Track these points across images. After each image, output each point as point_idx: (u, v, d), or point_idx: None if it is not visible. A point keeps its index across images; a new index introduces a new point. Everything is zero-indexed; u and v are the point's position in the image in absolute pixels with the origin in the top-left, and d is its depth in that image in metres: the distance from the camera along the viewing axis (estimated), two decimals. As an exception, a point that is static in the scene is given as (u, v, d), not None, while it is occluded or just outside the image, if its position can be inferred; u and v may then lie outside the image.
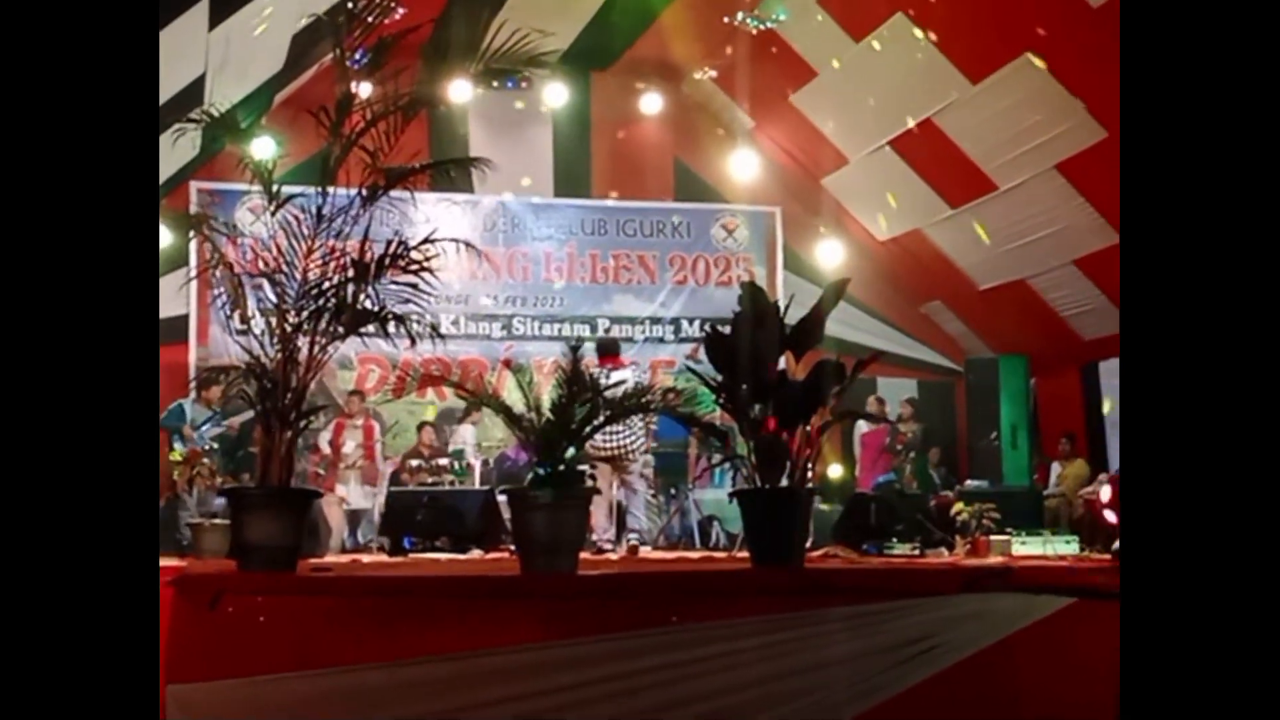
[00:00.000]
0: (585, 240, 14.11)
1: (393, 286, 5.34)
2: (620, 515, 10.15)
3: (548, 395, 5.49)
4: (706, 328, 6.08)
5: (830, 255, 13.89)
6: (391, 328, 5.37)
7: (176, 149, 8.05)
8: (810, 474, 6.14)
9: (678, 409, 6.26)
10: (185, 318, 12.56)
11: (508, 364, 6.28)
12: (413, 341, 5.50)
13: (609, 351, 9.97)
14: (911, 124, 12.00)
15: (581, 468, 5.65)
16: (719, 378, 5.88)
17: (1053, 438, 13.45)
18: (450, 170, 5.92)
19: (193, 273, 9.66)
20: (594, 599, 4.77)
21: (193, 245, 9.44)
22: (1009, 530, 8.89)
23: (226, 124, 5.87)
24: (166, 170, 11.30)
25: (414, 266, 5.32)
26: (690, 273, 14.30)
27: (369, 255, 5.28)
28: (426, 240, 5.39)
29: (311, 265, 5.29)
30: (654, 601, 4.70)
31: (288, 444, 5.10)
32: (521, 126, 14.04)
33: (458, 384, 5.95)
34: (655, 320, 14.13)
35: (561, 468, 5.29)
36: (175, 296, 10.77)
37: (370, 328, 5.38)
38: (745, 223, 14.48)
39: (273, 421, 5.08)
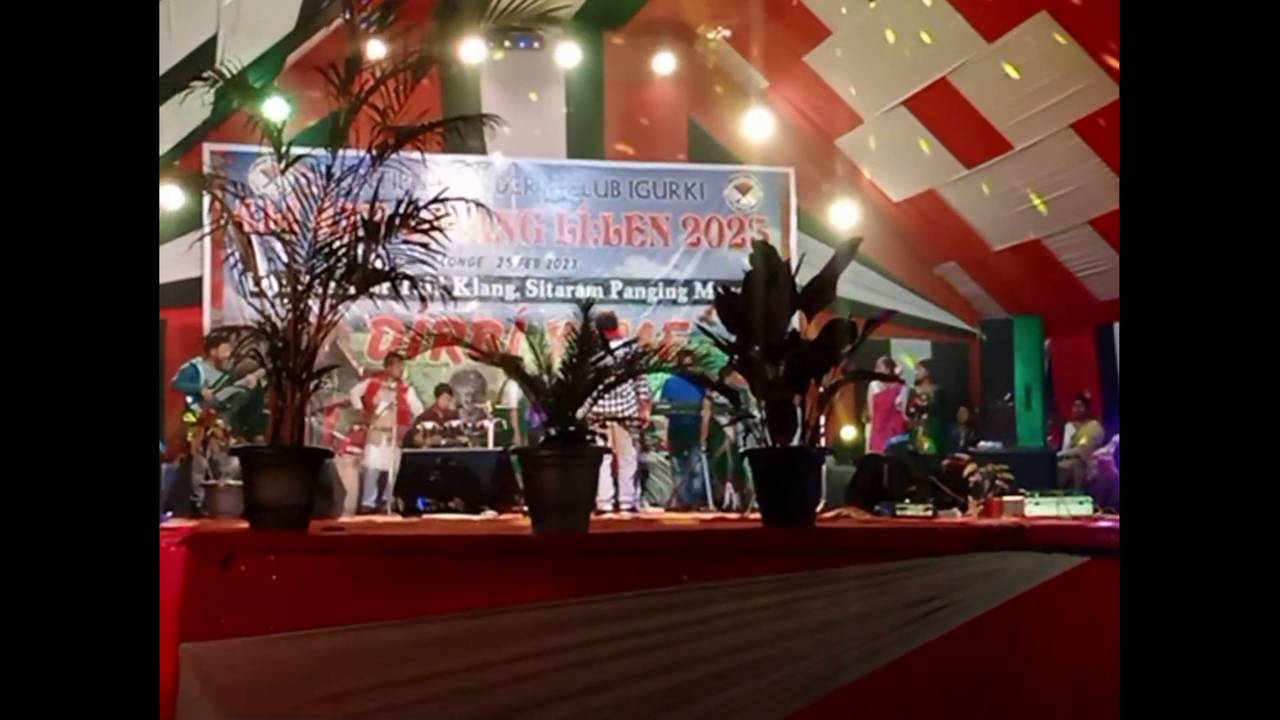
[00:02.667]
0: (598, 202, 14.09)
1: (403, 246, 5.33)
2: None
3: (559, 356, 5.49)
4: (720, 289, 6.05)
5: (844, 216, 13.81)
6: (404, 288, 5.35)
7: (189, 110, 8.03)
8: (822, 435, 6.13)
9: (690, 370, 6.24)
10: (199, 280, 12.62)
11: (521, 325, 6.28)
12: (424, 303, 5.49)
13: (608, 325, 10.18)
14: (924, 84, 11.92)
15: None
16: (731, 338, 5.86)
17: (1067, 399, 13.42)
18: (461, 130, 5.87)
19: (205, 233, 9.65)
20: (605, 558, 4.78)
21: (205, 206, 9.46)
22: (1022, 491, 8.88)
23: (238, 84, 5.84)
24: (179, 132, 11.32)
25: (424, 226, 5.31)
26: (704, 234, 14.27)
27: (379, 215, 5.26)
28: (436, 200, 5.37)
29: (322, 225, 5.28)
30: (665, 560, 4.71)
31: (299, 403, 5.11)
32: (534, 88, 13.99)
33: (472, 345, 5.92)
34: (669, 282, 14.13)
35: (572, 428, 5.30)
36: (188, 259, 10.78)
37: (382, 288, 5.37)
38: (759, 184, 14.44)
39: (284, 381, 5.08)
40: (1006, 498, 8.77)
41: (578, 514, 5.19)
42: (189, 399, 10.75)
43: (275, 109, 5.83)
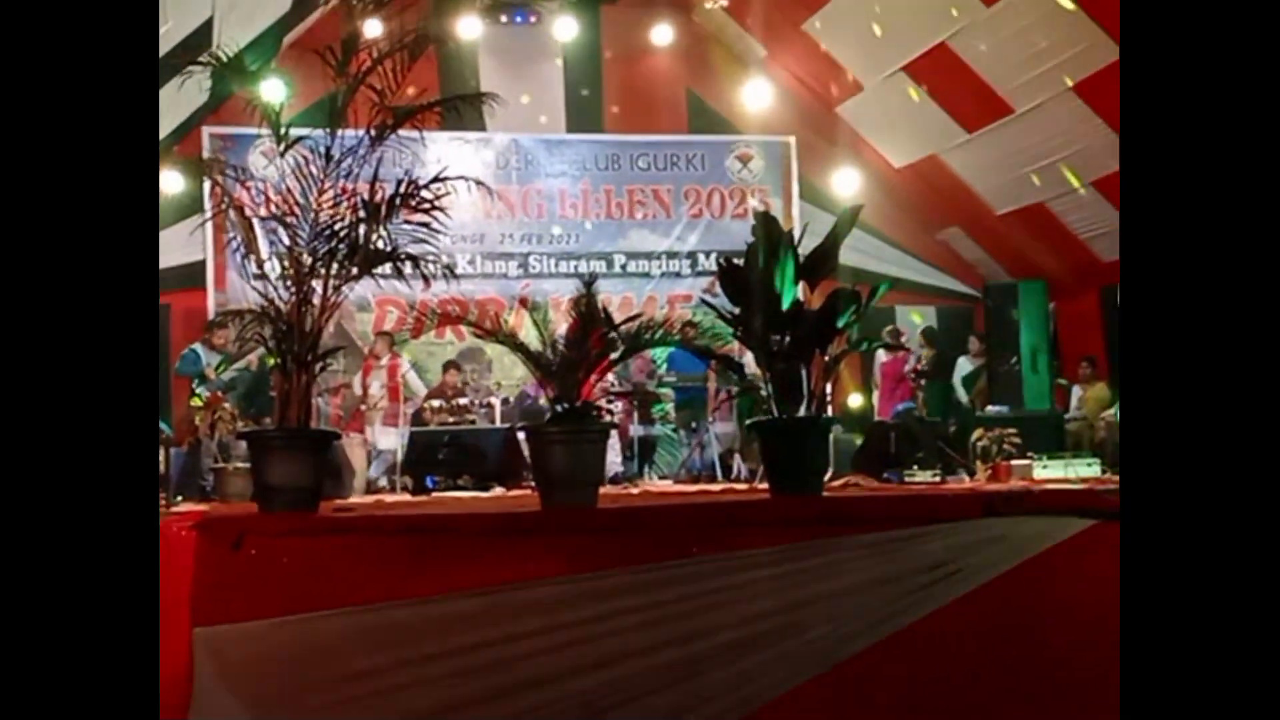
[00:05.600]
0: (599, 176, 14.07)
1: (405, 226, 5.32)
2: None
3: (564, 332, 5.48)
4: (722, 260, 6.03)
5: (846, 184, 13.76)
6: (406, 268, 5.35)
7: (187, 94, 8.01)
8: (829, 403, 6.13)
9: (695, 342, 6.23)
10: (202, 264, 12.63)
11: (524, 302, 6.24)
12: (427, 282, 5.48)
13: None
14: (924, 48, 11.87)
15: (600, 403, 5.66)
16: (735, 310, 5.86)
17: (1073, 361, 13.41)
18: (459, 108, 5.86)
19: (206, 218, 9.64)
20: (615, 532, 4.78)
21: (206, 191, 9.45)
22: (1030, 454, 8.90)
23: (235, 67, 5.81)
24: (178, 116, 11.29)
25: (425, 205, 5.30)
26: (705, 205, 14.24)
27: (379, 195, 5.25)
28: (436, 179, 5.36)
29: (323, 207, 5.27)
30: (675, 533, 4.71)
31: (305, 386, 5.11)
32: (532, 62, 13.94)
33: (475, 323, 5.90)
34: (672, 254, 14.12)
35: (578, 403, 5.30)
36: (191, 243, 10.79)
37: (384, 268, 5.37)
38: (760, 153, 14.40)
39: (289, 364, 5.08)
40: (1014, 461, 8.79)
41: (586, 489, 5.20)
42: (194, 384, 10.77)
43: (273, 91, 5.80)
